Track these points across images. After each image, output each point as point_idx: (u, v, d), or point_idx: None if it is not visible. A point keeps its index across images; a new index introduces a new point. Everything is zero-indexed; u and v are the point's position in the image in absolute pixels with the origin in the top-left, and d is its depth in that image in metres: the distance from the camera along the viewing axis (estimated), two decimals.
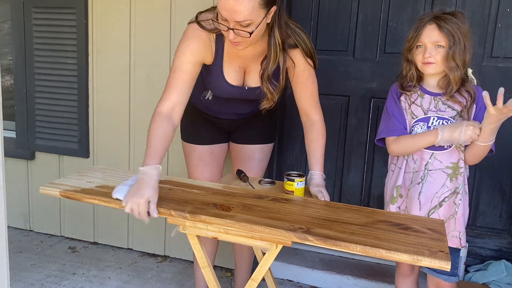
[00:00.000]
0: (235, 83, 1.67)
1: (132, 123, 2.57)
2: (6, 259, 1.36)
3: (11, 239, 2.70)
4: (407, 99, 1.62)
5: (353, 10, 2.28)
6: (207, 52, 1.59)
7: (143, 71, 2.50)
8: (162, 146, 1.46)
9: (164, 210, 1.35)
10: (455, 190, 1.56)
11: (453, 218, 1.57)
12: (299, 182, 1.58)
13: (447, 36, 1.49)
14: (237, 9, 1.35)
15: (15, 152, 2.80)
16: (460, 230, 1.58)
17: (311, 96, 1.69)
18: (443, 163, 1.56)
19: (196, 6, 2.34)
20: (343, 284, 2.29)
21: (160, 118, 1.49)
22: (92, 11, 2.54)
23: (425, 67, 1.54)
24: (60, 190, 1.48)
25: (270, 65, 1.55)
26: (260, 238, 1.28)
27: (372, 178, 2.38)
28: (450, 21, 1.50)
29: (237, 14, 1.37)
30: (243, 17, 1.37)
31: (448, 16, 1.51)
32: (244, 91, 1.69)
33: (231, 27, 1.41)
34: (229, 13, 1.37)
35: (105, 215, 2.71)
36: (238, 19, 1.38)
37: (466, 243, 1.83)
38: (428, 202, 1.57)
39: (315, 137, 1.69)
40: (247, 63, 1.65)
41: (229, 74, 1.65)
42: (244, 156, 1.94)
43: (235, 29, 1.41)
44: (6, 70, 2.95)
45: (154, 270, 2.50)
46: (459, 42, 1.49)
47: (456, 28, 1.49)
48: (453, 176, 1.56)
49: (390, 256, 1.13)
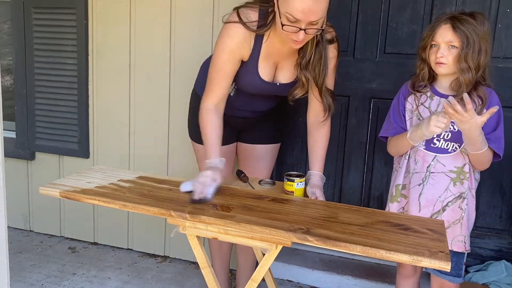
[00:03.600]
0: (268, 79, 1.67)
1: (132, 123, 2.57)
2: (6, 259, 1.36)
3: (11, 239, 2.70)
4: (416, 100, 1.61)
5: (353, 10, 2.28)
6: (245, 48, 1.60)
7: (143, 71, 2.50)
8: (218, 137, 1.61)
9: (164, 210, 1.35)
10: (460, 195, 1.54)
11: (459, 223, 1.55)
12: (299, 183, 1.58)
13: (460, 37, 1.46)
14: (315, 9, 1.36)
15: (15, 152, 2.80)
16: (465, 234, 1.57)
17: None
18: (447, 167, 1.55)
19: (196, 6, 2.35)
20: (343, 285, 2.29)
21: (210, 112, 1.62)
22: (92, 11, 2.53)
23: (437, 67, 1.53)
24: (60, 190, 1.48)
25: (307, 53, 1.56)
26: (260, 239, 1.28)
27: (372, 178, 2.38)
28: (466, 22, 1.47)
29: (314, 15, 1.37)
30: (319, 16, 1.39)
31: (466, 17, 1.48)
32: (276, 87, 1.69)
33: (303, 27, 1.41)
34: (305, 15, 1.37)
35: (105, 215, 2.71)
36: (314, 18, 1.38)
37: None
38: (430, 205, 1.56)
39: (320, 137, 1.70)
40: (281, 60, 1.66)
41: (263, 70, 1.65)
42: (253, 156, 1.95)
43: (307, 29, 1.41)
44: (6, 70, 2.95)
45: (154, 270, 2.50)
46: (474, 44, 1.46)
47: (471, 29, 1.46)
48: (457, 181, 1.54)
49: (390, 257, 1.13)
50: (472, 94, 1.51)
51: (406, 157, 1.64)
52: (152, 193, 1.49)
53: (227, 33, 1.57)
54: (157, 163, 2.53)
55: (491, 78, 1.57)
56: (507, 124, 2.09)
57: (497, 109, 1.40)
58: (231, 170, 1.99)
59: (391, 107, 1.68)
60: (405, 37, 2.21)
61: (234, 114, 1.87)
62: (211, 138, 1.59)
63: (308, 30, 1.42)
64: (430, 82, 1.60)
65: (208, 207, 1.38)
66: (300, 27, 1.41)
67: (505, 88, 2.08)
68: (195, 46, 2.36)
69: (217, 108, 1.63)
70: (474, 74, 1.48)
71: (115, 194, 1.46)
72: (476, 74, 1.50)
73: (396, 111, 1.65)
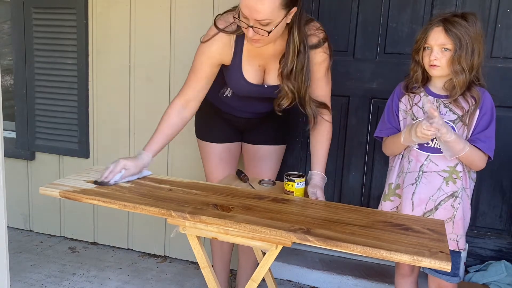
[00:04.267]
0: (255, 81, 1.68)
1: (132, 123, 2.56)
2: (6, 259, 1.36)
3: (11, 239, 2.70)
4: (409, 100, 1.62)
5: (353, 10, 2.28)
6: (226, 53, 1.63)
7: (143, 71, 2.50)
8: (164, 134, 1.64)
9: (164, 210, 1.35)
10: (453, 193, 1.55)
11: (451, 221, 1.56)
12: (299, 183, 1.58)
13: (453, 40, 1.47)
14: (258, 8, 1.39)
15: (15, 152, 2.80)
16: (458, 233, 1.57)
17: (327, 95, 1.70)
18: (439, 166, 1.56)
19: (196, 6, 2.35)
20: (343, 285, 2.29)
21: (171, 110, 1.65)
22: (92, 11, 2.53)
23: (431, 69, 1.53)
24: (60, 190, 1.48)
25: (288, 63, 1.56)
26: (260, 239, 1.28)
27: (372, 178, 2.38)
28: (458, 24, 1.47)
29: (257, 13, 1.40)
30: (263, 16, 1.40)
31: (457, 19, 1.49)
32: (264, 89, 1.70)
33: (251, 25, 1.43)
34: (250, 11, 1.40)
35: (105, 215, 2.71)
36: (258, 17, 1.41)
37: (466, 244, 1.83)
38: (422, 204, 1.57)
39: (321, 137, 1.70)
40: (267, 62, 1.67)
41: (248, 73, 1.66)
42: (257, 157, 1.95)
43: (255, 27, 1.44)
44: (6, 70, 2.95)
45: (154, 270, 2.50)
46: (466, 45, 1.47)
47: (464, 31, 1.47)
48: (449, 180, 1.55)
49: (391, 257, 1.13)
50: (466, 94, 1.52)
51: (400, 156, 1.65)
52: (152, 193, 1.49)
53: (207, 36, 1.62)
54: (157, 163, 2.51)
55: (485, 77, 1.57)
56: (507, 124, 2.11)
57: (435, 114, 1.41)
58: (234, 169, 1.99)
59: (385, 107, 1.69)
60: (405, 37, 2.21)
61: (235, 114, 1.87)
62: (156, 134, 1.64)
63: (256, 29, 1.44)
64: (424, 84, 1.61)
65: (209, 207, 1.38)
66: (248, 24, 1.44)
67: (505, 88, 2.08)
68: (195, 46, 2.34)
69: (183, 108, 1.66)
70: (467, 75, 1.49)
71: (115, 194, 1.46)
72: (470, 75, 1.50)
73: (390, 111, 1.66)
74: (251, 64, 1.65)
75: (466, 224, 1.62)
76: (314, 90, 1.66)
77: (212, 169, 1.96)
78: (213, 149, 1.94)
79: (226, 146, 1.94)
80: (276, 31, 1.46)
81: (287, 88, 1.60)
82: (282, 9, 1.42)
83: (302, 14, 1.52)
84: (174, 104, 1.66)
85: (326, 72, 1.67)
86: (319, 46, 1.61)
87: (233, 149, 1.97)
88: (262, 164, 1.94)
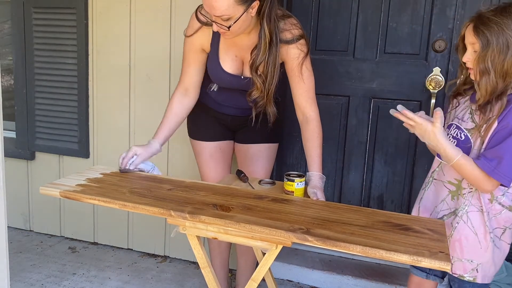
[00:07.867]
0: (232, 71, 1.71)
1: (132, 123, 2.56)
2: (6, 259, 1.36)
3: (11, 239, 2.70)
4: (453, 102, 1.50)
5: (353, 10, 2.28)
6: (204, 39, 1.70)
7: (143, 71, 2.50)
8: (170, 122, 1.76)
9: (164, 210, 1.35)
10: (455, 211, 1.43)
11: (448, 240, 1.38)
12: (299, 183, 1.58)
13: (479, 39, 1.26)
14: (214, 5, 1.45)
15: (15, 152, 2.80)
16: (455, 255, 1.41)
17: (306, 92, 1.68)
18: (446, 176, 1.45)
19: (196, 6, 2.34)
20: (343, 285, 2.29)
21: (175, 97, 1.77)
22: (92, 11, 2.53)
23: (469, 71, 1.36)
24: (60, 190, 1.48)
25: (260, 54, 1.59)
26: (260, 239, 1.28)
27: (372, 178, 2.38)
28: (491, 20, 1.25)
29: (214, 10, 1.46)
30: (220, 12, 1.46)
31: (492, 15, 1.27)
32: (241, 80, 1.72)
33: (213, 20, 1.51)
34: (208, 8, 1.48)
35: (105, 215, 2.71)
36: (216, 13, 1.47)
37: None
38: (426, 213, 1.51)
39: (310, 136, 1.68)
40: (243, 53, 1.69)
41: (225, 62, 1.71)
42: (250, 156, 1.95)
43: (216, 22, 1.50)
44: (6, 70, 2.95)
45: (154, 270, 2.50)
46: (496, 43, 1.24)
47: (498, 28, 1.24)
48: (455, 195, 1.43)
49: (390, 257, 1.13)
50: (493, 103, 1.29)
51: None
52: (152, 193, 1.49)
53: (188, 24, 1.72)
54: (157, 163, 2.52)
55: None
56: None
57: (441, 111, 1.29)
58: (228, 168, 2.01)
59: None
60: (405, 37, 2.21)
61: (221, 111, 1.89)
62: (162, 123, 1.75)
63: (217, 24, 1.50)
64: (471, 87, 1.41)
65: (208, 207, 1.38)
66: (210, 19, 1.52)
67: None
68: None
69: (184, 95, 1.77)
70: (495, 78, 1.26)
71: (115, 194, 1.46)
72: (501, 78, 1.26)
73: None
74: (228, 54, 1.70)
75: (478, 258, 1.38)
76: (293, 87, 1.68)
77: (203, 167, 1.98)
78: (203, 147, 1.96)
79: (216, 144, 1.95)
80: (237, 25, 1.51)
81: (255, 80, 1.63)
82: (239, 4, 1.46)
83: (273, 7, 1.55)
84: (175, 94, 1.77)
85: (301, 69, 1.64)
86: (292, 42, 1.62)
87: (224, 147, 1.98)
88: (254, 163, 1.93)
